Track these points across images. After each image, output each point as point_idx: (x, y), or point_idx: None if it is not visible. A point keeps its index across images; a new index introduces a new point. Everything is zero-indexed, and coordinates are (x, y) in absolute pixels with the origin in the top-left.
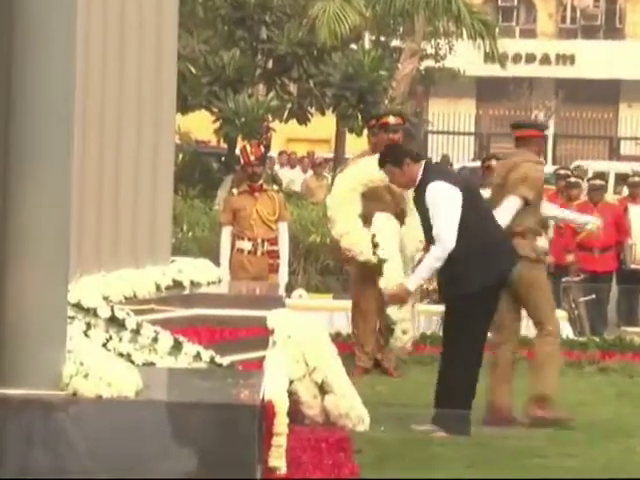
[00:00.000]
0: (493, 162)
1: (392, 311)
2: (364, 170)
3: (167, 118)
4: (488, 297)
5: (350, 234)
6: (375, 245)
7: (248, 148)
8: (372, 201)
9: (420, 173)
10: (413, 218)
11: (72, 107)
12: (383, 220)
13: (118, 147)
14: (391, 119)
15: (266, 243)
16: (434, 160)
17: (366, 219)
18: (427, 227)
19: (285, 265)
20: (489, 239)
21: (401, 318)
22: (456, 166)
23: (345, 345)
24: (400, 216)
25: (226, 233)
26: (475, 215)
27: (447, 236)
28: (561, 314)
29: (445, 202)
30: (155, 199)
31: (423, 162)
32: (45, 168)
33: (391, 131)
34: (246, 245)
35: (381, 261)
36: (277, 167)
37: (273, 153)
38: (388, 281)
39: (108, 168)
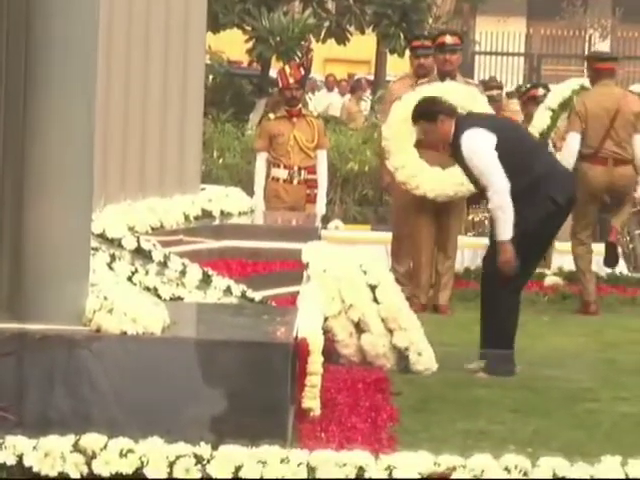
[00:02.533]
0: (540, 91)
1: (399, 336)
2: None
3: (197, 37)
4: (544, 230)
5: (406, 167)
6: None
7: (287, 70)
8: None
9: (452, 128)
10: None
11: (96, 26)
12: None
13: (145, 68)
14: (448, 38)
15: (303, 171)
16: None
17: (421, 144)
18: (472, 179)
19: (323, 195)
20: (539, 172)
21: (410, 341)
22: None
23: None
24: None
25: (261, 160)
26: (518, 154)
27: (497, 179)
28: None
29: (481, 149)
30: (184, 123)
31: (455, 116)
32: (66, 90)
33: (448, 51)
34: (282, 173)
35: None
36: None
37: (317, 76)
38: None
39: (134, 90)
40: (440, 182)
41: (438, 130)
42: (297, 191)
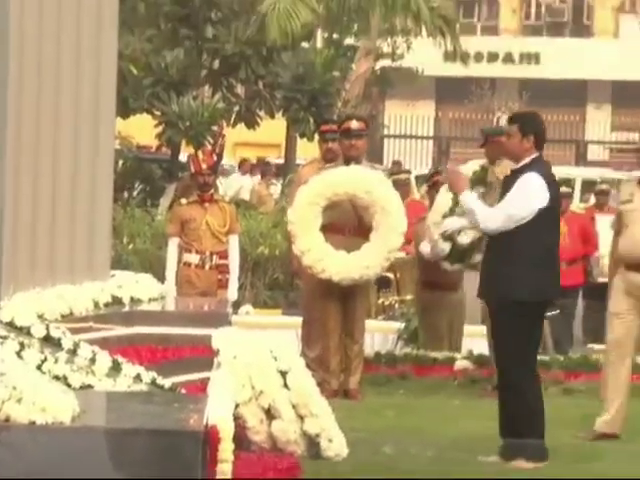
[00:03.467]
0: (443, 175)
1: (310, 423)
2: (328, 183)
3: (106, 122)
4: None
5: (312, 250)
6: None
7: (200, 155)
8: (333, 211)
9: (527, 159)
10: (379, 232)
11: (4, 111)
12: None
13: (54, 153)
14: (354, 124)
15: (215, 256)
16: (388, 165)
17: (326, 229)
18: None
19: (235, 280)
20: (546, 257)
21: (321, 427)
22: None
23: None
24: (360, 230)
25: (173, 245)
26: (548, 225)
27: (501, 220)
28: None
29: (531, 197)
30: (93, 209)
31: (538, 154)
32: None
33: (354, 137)
34: (194, 258)
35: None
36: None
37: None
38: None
39: (43, 176)
40: (345, 265)
41: (521, 144)
42: (209, 276)
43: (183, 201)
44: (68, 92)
